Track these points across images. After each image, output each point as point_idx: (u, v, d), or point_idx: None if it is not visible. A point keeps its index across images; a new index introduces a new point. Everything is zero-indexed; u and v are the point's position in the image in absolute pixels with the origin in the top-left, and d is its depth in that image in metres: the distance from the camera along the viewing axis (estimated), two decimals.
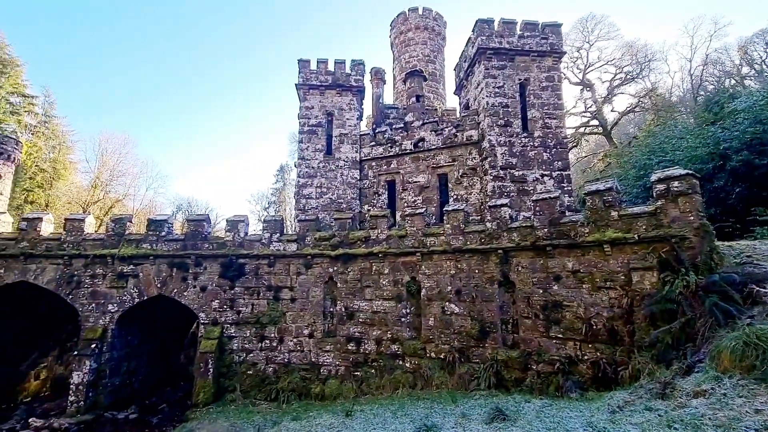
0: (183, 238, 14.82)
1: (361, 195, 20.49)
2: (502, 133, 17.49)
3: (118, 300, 14.19)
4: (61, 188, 42.13)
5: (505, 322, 12.33)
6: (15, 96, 41.60)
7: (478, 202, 17.92)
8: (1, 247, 14.30)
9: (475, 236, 12.87)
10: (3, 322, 15.29)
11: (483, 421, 7.94)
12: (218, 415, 11.85)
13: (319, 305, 14.12)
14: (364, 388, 12.83)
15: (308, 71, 21.42)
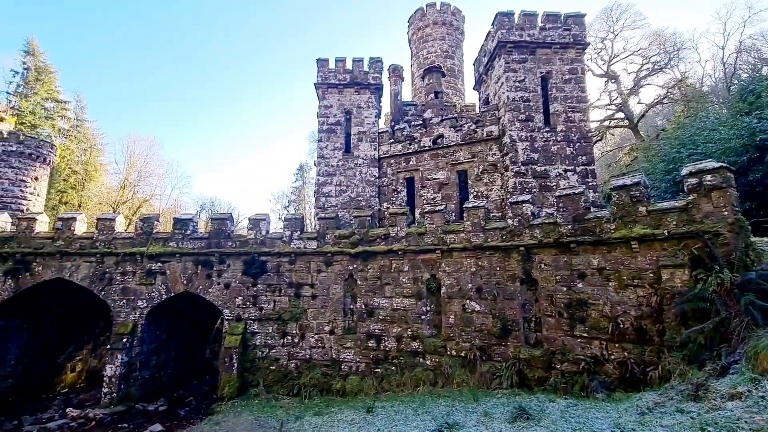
0: (207, 237, 15.21)
1: (380, 193, 20.52)
2: (524, 127, 17.15)
3: (147, 296, 14.70)
4: (93, 189, 43.93)
5: (528, 320, 12.12)
6: (49, 102, 43.57)
7: (498, 199, 17.66)
8: (39, 245, 15.04)
9: (496, 233, 12.69)
10: (42, 317, 16.11)
11: (506, 420, 7.84)
12: (243, 408, 12.14)
13: (339, 302, 14.24)
14: (384, 384, 12.88)
15: (327, 70, 21.56)
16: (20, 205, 27.58)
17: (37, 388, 15.83)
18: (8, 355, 14.95)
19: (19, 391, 15.03)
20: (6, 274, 14.68)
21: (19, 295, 14.69)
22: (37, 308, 15.74)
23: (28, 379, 15.54)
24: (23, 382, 15.34)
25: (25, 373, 15.48)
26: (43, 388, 16.06)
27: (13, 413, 13.44)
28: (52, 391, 16.38)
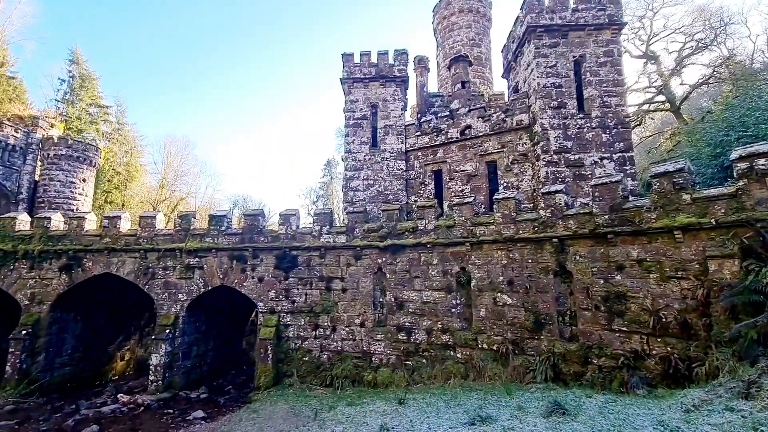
0: (241, 232, 15.72)
1: (407, 186, 20.46)
2: (556, 115, 16.54)
3: (187, 290, 15.41)
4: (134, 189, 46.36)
5: (562, 313, 11.80)
6: (93, 107, 46.16)
7: (530, 190, 17.18)
8: (88, 242, 16.06)
9: (527, 225, 12.38)
10: (93, 309, 17.27)
11: (540, 415, 7.70)
12: (278, 397, 12.55)
13: (369, 295, 14.39)
14: (415, 377, 12.94)
15: (352, 64, 21.61)
16: (71, 205, 29.51)
17: (91, 375, 17.04)
18: (65, 345, 16.16)
19: (75, 377, 16.24)
20: (60, 270, 15.80)
21: (72, 289, 15.79)
22: (89, 301, 16.88)
23: (83, 366, 16.76)
24: (79, 370, 16.55)
25: (81, 362, 16.70)
26: (96, 376, 17.27)
27: (70, 398, 14.55)
28: (104, 378, 17.59)
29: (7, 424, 11.76)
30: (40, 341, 15.22)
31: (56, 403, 13.85)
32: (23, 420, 12.17)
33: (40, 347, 15.19)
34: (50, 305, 15.54)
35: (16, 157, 28.26)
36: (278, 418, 10.37)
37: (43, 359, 15.19)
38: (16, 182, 28.19)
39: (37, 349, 15.12)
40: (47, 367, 15.30)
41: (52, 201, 28.85)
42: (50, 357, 15.47)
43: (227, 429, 10.20)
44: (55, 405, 13.70)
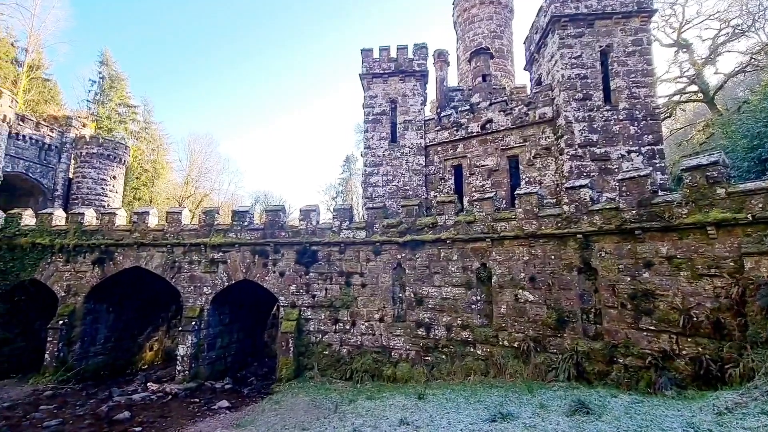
0: (262, 228, 16.01)
1: (427, 181, 20.34)
2: (581, 107, 16.05)
3: (211, 283, 15.85)
4: (161, 185, 47.90)
5: (586, 311, 11.52)
6: (121, 107, 47.87)
7: (553, 185, 16.78)
8: (119, 237, 16.72)
9: (550, 220, 12.11)
10: (124, 301, 17.99)
11: (563, 413, 7.57)
12: (299, 390, 12.79)
13: (388, 291, 14.43)
14: (435, 372, 12.94)
15: (371, 60, 21.57)
16: (102, 201, 30.76)
17: (123, 364, 17.80)
18: (98, 335, 16.92)
19: (108, 366, 17.00)
20: (94, 263, 16.52)
21: (105, 282, 16.50)
22: (120, 294, 17.60)
23: (115, 356, 17.52)
24: (111, 359, 17.31)
25: (113, 351, 17.46)
26: (127, 365, 18.03)
27: (104, 385, 15.25)
28: (134, 367, 18.34)
29: (47, 408, 12.46)
30: (76, 331, 16.00)
31: (91, 390, 14.55)
32: (61, 405, 12.84)
33: (76, 336, 15.97)
34: (84, 297, 16.29)
35: (52, 156, 29.62)
36: (300, 410, 10.57)
37: (79, 348, 15.96)
38: (52, 180, 29.56)
39: (73, 338, 15.90)
40: (82, 355, 16.08)
41: (85, 197, 30.14)
42: (85, 346, 16.24)
43: (251, 419, 10.46)
44: (89, 391, 14.39)
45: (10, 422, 11.29)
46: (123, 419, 11.56)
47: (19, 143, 26.86)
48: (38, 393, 13.83)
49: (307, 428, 8.73)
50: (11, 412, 12.10)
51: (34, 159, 28.24)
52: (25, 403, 12.93)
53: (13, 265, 16.73)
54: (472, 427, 7.35)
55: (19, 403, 12.82)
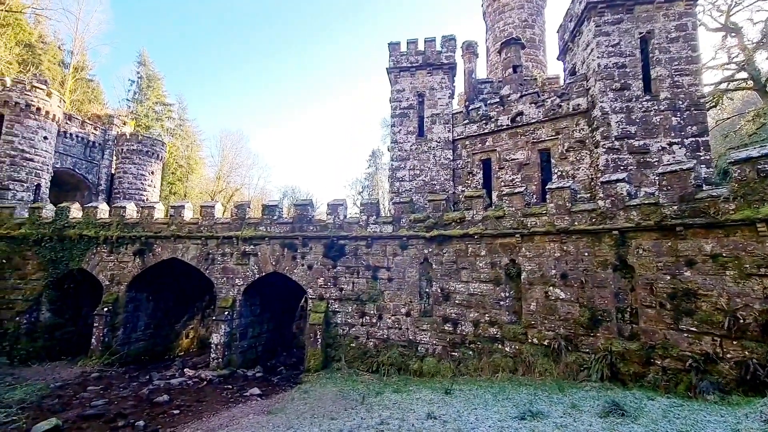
0: (291, 222, 16.35)
1: (454, 176, 20.08)
2: (618, 97, 15.33)
3: (243, 275, 16.37)
4: (194, 180, 49.76)
5: (621, 310, 11.10)
6: (158, 105, 49.95)
7: (587, 179, 16.17)
8: (158, 230, 17.53)
9: (584, 216, 11.70)
10: (162, 290, 18.90)
11: (597, 414, 7.36)
12: (327, 380, 13.06)
13: (415, 285, 14.42)
14: (461, 368, 12.85)
15: (398, 53, 21.42)
16: (141, 195, 32.30)
17: (161, 350, 18.76)
18: (139, 322, 17.89)
19: (147, 351, 17.96)
20: (134, 254, 17.43)
21: (145, 272, 17.38)
22: (159, 283, 18.49)
23: (154, 342, 18.48)
24: (151, 345, 18.27)
25: (152, 337, 18.42)
26: (165, 351, 18.98)
27: (144, 369, 16.14)
28: (171, 353, 19.28)
29: (94, 389, 13.33)
30: (119, 318, 16.98)
31: (133, 373, 15.43)
32: (107, 386, 13.70)
33: (119, 323, 16.95)
34: (126, 286, 17.24)
35: (96, 153, 31.33)
36: (327, 400, 10.80)
37: (122, 334, 16.94)
38: (96, 175, 31.30)
39: (117, 324, 16.89)
40: (125, 340, 17.06)
41: (126, 192, 31.74)
42: (127, 332, 17.22)
43: (281, 407, 10.78)
44: (132, 375, 15.27)
45: (62, 400, 12.17)
46: (162, 402, 12.21)
47: (66, 141, 28.57)
48: (86, 374, 14.81)
49: (336, 418, 8.90)
50: (63, 391, 13.03)
51: (80, 156, 29.97)
52: (74, 383, 13.88)
53: (63, 255, 17.90)
54: (501, 424, 7.28)
55: (69, 383, 13.79)
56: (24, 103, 22.39)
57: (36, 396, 12.18)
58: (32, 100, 22.68)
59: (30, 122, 22.73)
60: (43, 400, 12.02)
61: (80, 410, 11.33)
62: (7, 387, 12.59)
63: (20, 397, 11.77)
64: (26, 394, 12.15)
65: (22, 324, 17.21)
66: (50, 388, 13.13)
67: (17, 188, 22.18)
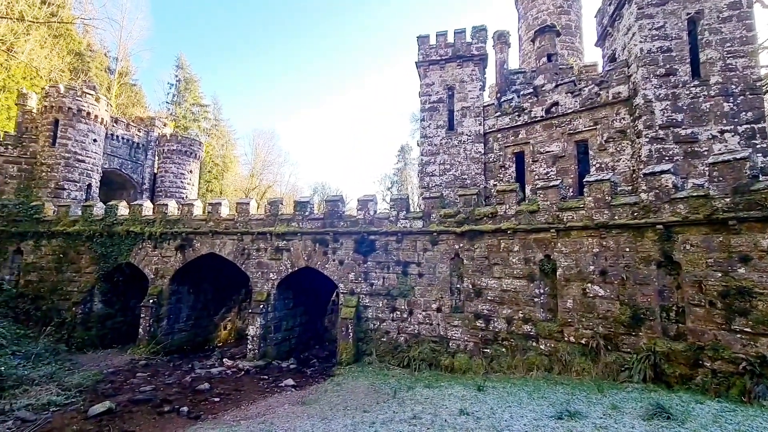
0: (322, 217, 16.62)
1: (486, 170, 19.67)
2: (663, 84, 14.43)
3: (276, 269, 16.84)
4: (229, 178, 51.56)
5: (666, 309, 10.53)
6: (195, 106, 52.02)
7: (628, 171, 15.37)
8: (197, 226, 18.33)
9: (625, 209, 11.16)
10: (202, 284, 19.79)
11: (639, 416, 7.04)
12: (359, 374, 13.24)
13: (446, 281, 14.31)
14: (494, 365, 12.67)
15: (427, 47, 21.16)
16: (181, 193, 33.85)
17: (202, 341, 19.67)
18: (181, 313, 18.83)
19: (189, 342, 18.88)
20: (176, 249, 18.32)
21: (186, 266, 18.24)
22: (199, 277, 19.37)
23: (195, 333, 19.41)
24: (192, 335, 19.20)
25: (193, 328, 19.35)
26: (205, 342, 19.89)
27: (186, 358, 17.00)
28: (211, 344, 20.18)
29: (142, 375, 14.21)
30: (163, 309, 17.94)
31: (176, 362, 16.29)
32: (153, 374, 14.56)
33: (163, 314, 17.91)
34: (169, 279, 18.16)
35: (140, 153, 33.11)
36: (360, 393, 10.95)
37: (166, 324, 17.90)
38: (141, 174, 33.09)
39: (161, 315, 17.86)
40: (168, 331, 18.02)
41: (167, 190, 33.37)
42: (171, 323, 18.17)
43: (314, 398, 11.04)
44: (175, 363, 16.12)
45: (114, 385, 13.05)
46: (204, 390, 12.82)
47: (113, 143, 30.36)
48: (135, 362, 15.79)
49: (368, 411, 9.02)
50: (114, 376, 13.97)
51: (126, 156, 31.78)
52: (125, 369, 14.84)
53: (113, 249, 19.09)
54: (536, 423, 7.11)
55: (120, 370, 14.76)
56: (76, 108, 23.96)
57: (91, 381, 13.12)
58: (83, 105, 24.24)
59: (81, 126, 24.31)
60: (97, 385, 12.94)
61: (130, 395, 12.10)
62: (67, 372, 13.63)
63: (78, 382, 12.71)
64: (83, 378, 13.11)
65: (78, 314, 18.55)
66: (103, 373, 14.10)
67: (71, 188, 23.83)
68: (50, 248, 19.73)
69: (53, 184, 23.17)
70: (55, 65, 35.12)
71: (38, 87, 30.89)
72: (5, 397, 10.71)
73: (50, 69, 34.38)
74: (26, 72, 33.52)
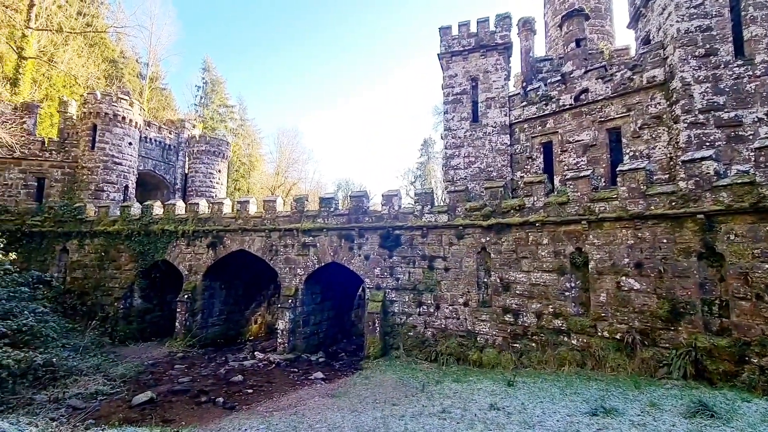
0: (347, 213, 16.77)
1: (512, 161, 19.23)
2: (702, 65, 13.61)
3: (303, 265, 17.15)
4: (256, 176, 52.74)
5: (708, 302, 10.02)
6: (221, 107, 53.43)
7: (664, 158, 14.64)
8: (227, 224, 18.90)
9: (662, 199, 10.65)
10: (233, 280, 20.42)
11: (680, 414, 6.76)
12: (386, 368, 13.34)
13: (472, 275, 14.15)
14: (523, 360, 12.47)
15: (450, 38, 20.80)
16: (211, 192, 34.92)
17: (234, 335, 20.35)
18: (214, 308, 19.53)
19: (222, 335, 19.58)
20: (208, 246, 18.97)
21: (217, 262, 18.87)
22: (229, 273, 20.00)
23: (227, 327, 20.10)
24: (225, 329, 19.90)
25: (225, 322, 20.04)
26: (237, 335, 20.56)
27: (220, 351, 17.64)
28: (242, 338, 20.84)
29: (180, 367, 14.89)
30: (197, 304, 18.66)
31: (211, 355, 16.94)
32: (190, 365, 15.21)
33: (198, 309, 18.64)
34: (202, 275, 18.86)
35: (171, 155, 34.36)
36: (388, 387, 11.04)
37: (200, 318, 18.63)
38: (173, 175, 34.37)
39: (195, 310, 18.59)
40: (203, 325, 18.74)
41: (198, 189, 34.51)
42: (205, 317, 18.89)
43: (343, 391, 11.22)
44: (210, 356, 16.77)
45: (155, 376, 13.74)
46: (237, 381, 13.28)
47: (147, 145, 31.64)
48: (173, 354, 16.53)
49: (397, 404, 9.08)
50: (155, 368, 14.69)
51: (159, 158, 33.06)
52: (163, 361, 15.58)
53: (149, 247, 19.98)
54: (570, 419, 6.95)
55: (159, 362, 15.50)
56: (112, 114, 25.11)
57: (134, 371, 13.86)
58: (118, 110, 25.37)
59: (117, 130, 25.47)
60: (139, 375, 13.65)
61: (170, 386, 12.70)
62: (111, 363, 14.45)
63: (122, 372, 13.46)
64: (126, 369, 13.86)
65: (120, 309, 19.59)
66: (144, 365, 14.85)
67: (110, 189, 25.05)
68: (93, 247, 20.86)
69: (93, 186, 24.42)
70: (92, 73, 36.87)
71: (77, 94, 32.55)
72: (58, 386, 11.47)
73: (87, 77, 36.15)
74: (66, 81, 35.39)
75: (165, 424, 9.15)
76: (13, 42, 29.71)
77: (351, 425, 7.42)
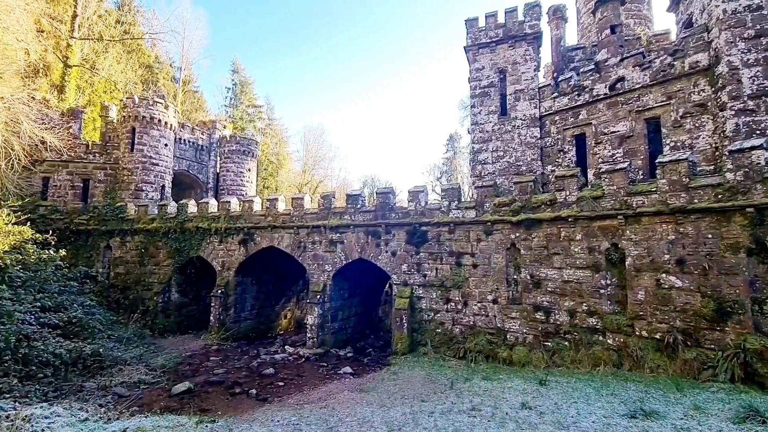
0: (374, 210, 16.82)
1: (542, 155, 18.66)
2: (752, 47, 12.67)
3: (331, 261, 17.37)
4: (283, 175, 53.79)
5: (758, 301, 9.41)
6: (250, 108, 54.76)
7: (709, 148, 13.78)
8: (257, 221, 19.41)
9: (706, 192, 10.05)
10: (263, 275, 20.98)
11: (728, 419, 6.39)
12: (414, 364, 13.33)
13: (501, 272, 13.89)
14: (555, 359, 12.14)
15: (476, 30, 20.38)
16: (241, 191, 35.95)
17: (265, 329, 20.92)
18: (246, 303, 20.14)
19: (254, 329, 20.18)
20: (239, 243, 19.56)
21: (248, 259, 19.43)
22: (260, 269, 20.55)
23: (258, 321, 20.69)
24: (256, 324, 20.49)
25: (257, 317, 20.64)
26: (267, 330, 21.13)
27: (252, 344, 18.18)
28: (273, 332, 21.39)
29: (215, 359, 15.48)
30: (230, 299, 19.31)
31: (243, 348, 17.49)
32: (224, 358, 15.78)
33: (230, 303, 19.28)
34: (234, 271, 19.48)
35: (204, 155, 35.61)
36: (416, 383, 11.03)
37: (233, 313, 19.28)
38: (206, 175, 35.62)
39: (228, 304, 19.24)
40: (235, 319, 19.38)
41: (229, 188, 35.62)
42: (237, 311, 19.53)
43: (372, 386, 11.31)
44: (243, 349, 17.32)
45: (192, 368, 14.35)
46: (269, 374, 13.66)
47: (181, 146, 32.93)
48: (208, 347, 17.20)
49: (426, 400, 9.06)
50: (191, 360, 15.34)
51: (192, 158, 34.34)
52: (199, 353, 16.24)
53: (185, 244, 20.83)
54: (606, 420, 6.71)
55: (196, 354, 16.17)
56: (149, 117, 26.29)
57: (173, 362, 14.53)
58: (155, 113, 26.52)
59: (154, 132, 26.64)
60: (178, 366, 14.30)
61: (206, 377, 13.23)
62: (152, 354, 15.21)
63: (162, 363, 14.14)
64: (166, 360, 14.55)
65: (159, 303, 20.56)
66: (182, 356, 15.54)
67: (148, 189, 26.27)
68: (133, 244, 21.97)
69: (133, 187, 25.67)
70: (130, 78, 38.70)
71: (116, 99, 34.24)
72: (104, 374, 12.20)
73: (126, 82, 37.98)
74: (106, 86, 37.30)
75: (202, 413, 9.53)
76: (59, 51, 31.57)
77: (380, 420, 7.47)
